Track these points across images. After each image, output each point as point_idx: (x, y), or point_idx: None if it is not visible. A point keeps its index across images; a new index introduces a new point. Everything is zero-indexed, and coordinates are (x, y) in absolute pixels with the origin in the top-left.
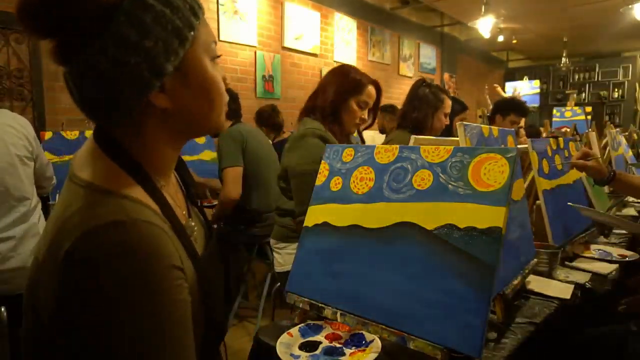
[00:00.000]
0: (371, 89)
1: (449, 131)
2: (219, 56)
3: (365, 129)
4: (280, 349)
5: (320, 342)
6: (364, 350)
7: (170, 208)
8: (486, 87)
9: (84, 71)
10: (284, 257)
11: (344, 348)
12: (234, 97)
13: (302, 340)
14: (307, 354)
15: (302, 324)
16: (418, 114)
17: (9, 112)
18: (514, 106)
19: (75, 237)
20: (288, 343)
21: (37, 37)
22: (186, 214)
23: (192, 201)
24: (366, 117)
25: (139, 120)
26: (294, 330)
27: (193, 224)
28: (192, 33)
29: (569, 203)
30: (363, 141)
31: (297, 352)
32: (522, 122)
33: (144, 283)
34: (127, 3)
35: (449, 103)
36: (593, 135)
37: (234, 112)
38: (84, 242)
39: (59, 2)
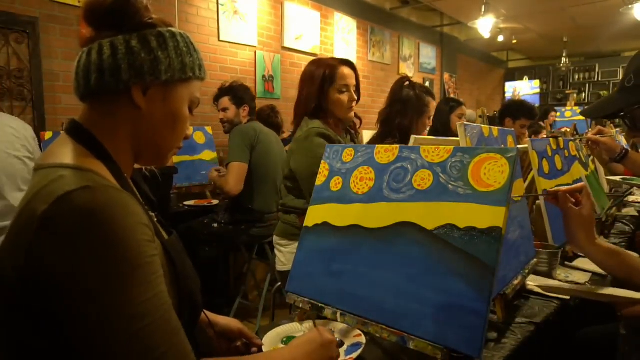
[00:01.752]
0: (343, 69)
1: (445, 130)
2: (191, 112)
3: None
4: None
5: None
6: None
7: (134, 190)
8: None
9: (117, 46)
10: (286, 255)
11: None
12: (253, 96)
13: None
14: None
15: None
16: (402, 119)
17: (8, 115)
18: (526, 110)
19: (49, 203)
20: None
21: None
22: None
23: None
24: (355, 97)
25: (116, 109)
26: None
27: (156, 219)
28: (190, 74)
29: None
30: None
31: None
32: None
33: (114, 237)
34: (163, 28)
35: (433, 105)
36: None
37: (253, 110)
38: (58, 205)
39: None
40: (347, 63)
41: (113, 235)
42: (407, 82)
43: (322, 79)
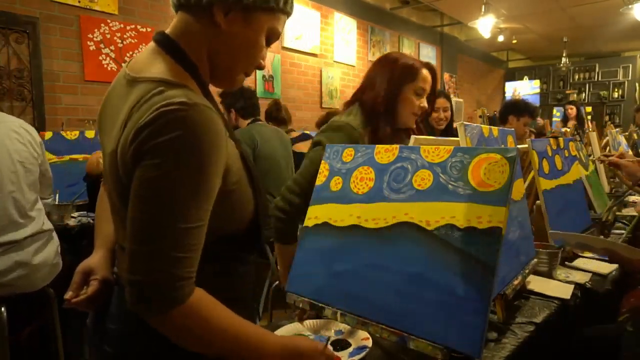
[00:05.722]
0: (426, 73)
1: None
2: (270, 44)
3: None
4: None
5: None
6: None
7: (216, 105)
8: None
9: None
10: None
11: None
12: (248, 95)
13: None
14: None
15: None
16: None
17: (14, 118)
18: (531, 109)
19: (150, 112)
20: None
21: None
22: None
23: None
24: (426, 105)
25: (200, 23)
26: None
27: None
28: (273, 5)
29: (550, 231)
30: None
31: None
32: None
33: (198, 149)
34: None
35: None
36: (593, 135)
37: (247, 109)
38: (158, 115)
39: None
40: (430, 68)
41: (197, 148)
42: None
43: (406, 71)
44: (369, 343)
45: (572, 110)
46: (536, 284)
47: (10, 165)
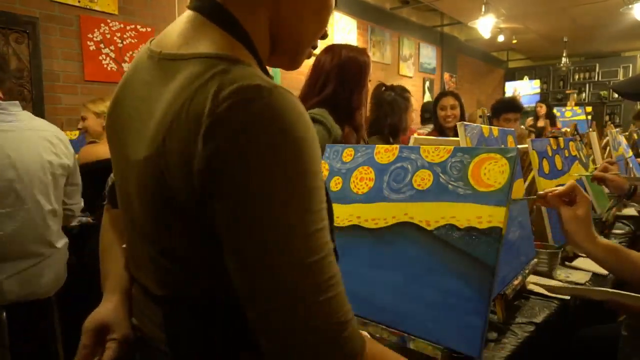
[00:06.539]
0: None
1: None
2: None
3: None
4: None
5: None
6: None
7: None
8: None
9: None
10: None
11: None
12: None
13: None
14: None
15: None
16: (392, 119)
17: (48, 125)
18: (505, 105)
19: (221, 99)
20: None
21: None
22: None
23: None
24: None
25: None
26: None
27: None
28: None
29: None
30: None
31: None
32: (525, 122)
33: (298, 148)
34: None
35: (413, 100)
36: (593, 135)
37: None
38: (233, 105)
39: None
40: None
41: (296, 147)
42: (384, 87)
43: (367, 67)
44: None
45: (542, 109)
46: (538, 283)
47: (42, 176)
